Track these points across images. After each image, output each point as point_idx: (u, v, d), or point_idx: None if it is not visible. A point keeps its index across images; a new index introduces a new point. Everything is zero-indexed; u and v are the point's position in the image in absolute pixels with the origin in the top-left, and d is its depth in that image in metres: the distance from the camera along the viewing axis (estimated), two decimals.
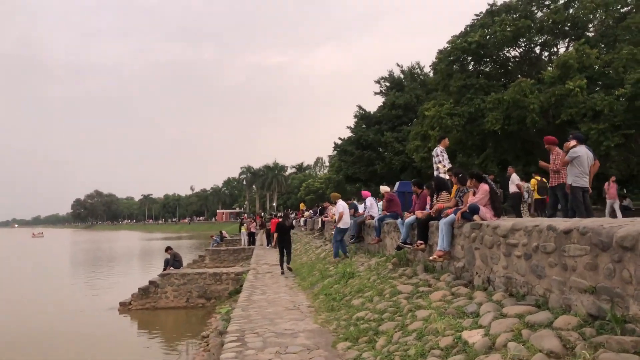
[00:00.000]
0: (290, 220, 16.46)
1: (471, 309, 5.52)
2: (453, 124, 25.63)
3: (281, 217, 19.63)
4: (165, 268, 18.69)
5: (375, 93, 45.84)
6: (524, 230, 5.32)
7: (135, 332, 15.27)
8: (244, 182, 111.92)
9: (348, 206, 16.71)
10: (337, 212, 13.81)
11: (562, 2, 26.01)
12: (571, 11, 25.53)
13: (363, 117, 44.28)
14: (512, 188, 15.10)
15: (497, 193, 7.55)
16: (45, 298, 21.20)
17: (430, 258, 7.67)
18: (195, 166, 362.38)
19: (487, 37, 26.27)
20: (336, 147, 46.40)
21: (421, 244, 8.43)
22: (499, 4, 27.33)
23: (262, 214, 58.37)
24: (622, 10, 24.44)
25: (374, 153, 41.41)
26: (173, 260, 18.70)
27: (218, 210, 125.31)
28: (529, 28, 25.45)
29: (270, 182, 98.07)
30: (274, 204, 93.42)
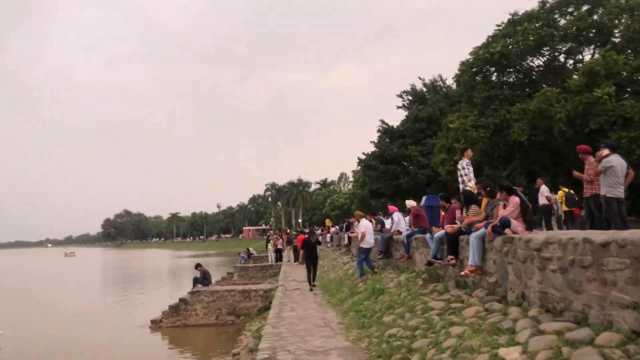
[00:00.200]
0: (315, 236, 16.41)
1: (507, 325, 5.41)
2: (478, 136, 25.38)
3: (307, 234, 19.65)
4: (195, 285, 18.85)
5: (398, 107, 45.67)
6: (558, 244, 5.21)
7: (166, 349, 15.40)
8: (269, 199, 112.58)
9: (375, 221, 16.67)
10: (359, 232, 13.72)
11: (585, 8, 25.62)
12: (595, 17, 25.12)
13: (386, 132, 44.15)
14: (542, 200, 14.82)
15: (528, 205, 7.42)
16: (79, 317, 21.56)
17: (462, 273, 7.57)
18: (221, 184, 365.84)
19: (510, 47, 26.02)
20: (360, 162, 46.30)
21: (452, 259, 8.32)
22: (520, 14, 27.06)
23: (288, 230, 58.45)
24: None
25: (398, 167, 41.17)
26: (202, 278, 18.85)
27: (244, 228, 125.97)
28: (552, 36, 25.15)
29: (295, 198, 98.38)
30: (300, 220, 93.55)
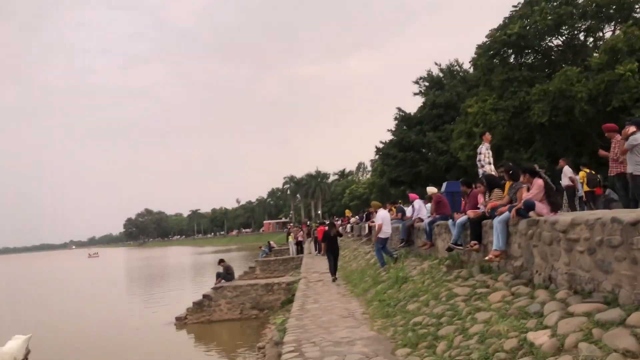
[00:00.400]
0: (336, 228, 16.08)
1: (534, 308, 5.32)
2: (498, 119, 25.05)
3: (327, 225, 19.58)
4: (218, 280, 19.00)
5: (415, 94, 45.23)
6: (585, 224, 5.09)
7: (192, 346, 15.56)
8: (288, 192, 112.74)
9: (395, 210, 16.59)
10: (376, 222, 13.74)
11: None
12: None
13: (403, 119, 43.81)
14: (565, 181, 14.52)
15: (552, 187, 7.27)
16: (105, 317, 21.92)
17: (486, 258, 7.46)
18: (240, 179, 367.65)
19: (527, 28, 25.53)
20: (378, 150, 46.03)
21: (475, 244, 8.21)
22: None
23: (308, 222, 58.58)
24: None
25: (417, 154, 40.87)
26: (225, 273, 18.98)
27: (264, 221, 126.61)
28: (571, 14, 24.60)
29: (313, 190, 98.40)
30: (319, 212, 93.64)
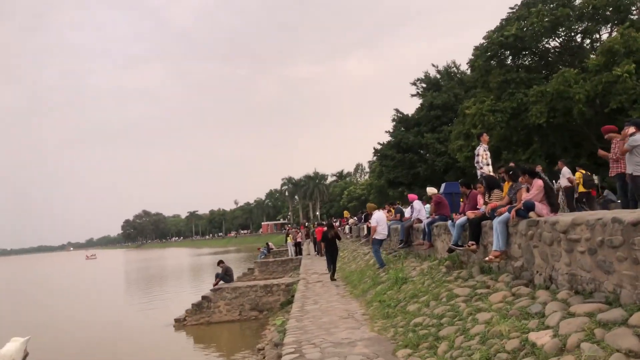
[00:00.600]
0: (334, 230, 15.80)
1: (535, 309, 5.32)
2: (496, 121, 25.14)
3: (325, 226, 19.52)
4: (216, 281, 18.96)
5: (412, 95, 45.42)
6: (586, 225, 5.10)
7: (192, 347, 15.52)
8: (286, 193, 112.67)
9: (394, 211, 16.60)
10: (371, 224, 13.87)
11: None
12: None
13: (401, 120, 43.93)
14: (564, 182, 14.58)
15: (552, 188, 7.30)
16: (104, 319, 21.84)
17: (486, 259, 7.47)
18: (238, 180, 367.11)
19: (524, 30, 25.64)
20: (376, 152, 46.13)
21: (472, 245, 8.23)
22: None
23: (307, 223, 58.55)
24: None
25: (415, 156, 40.98)
26: (224, 275, 18.94)
27: (263, 223, 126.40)
28: (568, 16, 24.73)
29: (311, 191, 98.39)
30: (317, 213, 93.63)
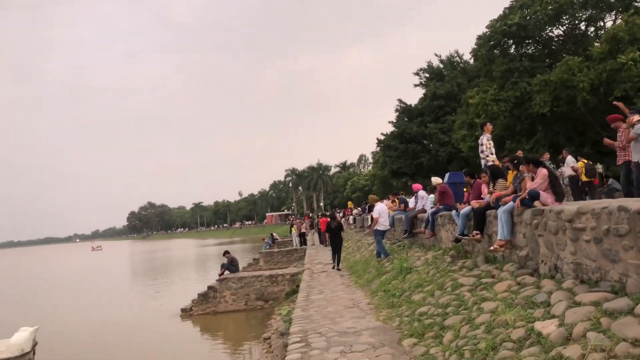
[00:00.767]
0: (336, 221, 15.96)
1: (541, 298, 5.34)
2: (499, 110, 24.99)
3: (328, 217, 19.61)
4: (222, 271, 19.07)
5: (415, 85, 45.13)
6: (592, 213, 5.10)
7: (198, 337, 15.65)
8: (290, 184, 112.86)
9: (398, 201, 16.63)
10: (373, 216, 13.99)
11: None
12: None
13: (404, 111, 43.74)
14: (568, 171, 14.55)
15: (556, 177, 7.30)
16: (110, 309, 22.00)
17: (491, 248, 7.49)
18: (242, 172, 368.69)
19: (528, 18, 25.39)
20: (379, 142, 45.96)
21: (477, 234, 8.25)
22: None
23: (310, 214, 58.64)
24: None
25: (418, 146, 40.86)
26: (229, 265, 19.04)
27: (267, 214, 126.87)
28: (572, 4, 24.45)
29: (315, 182, 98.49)
30: (321, 204, 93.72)
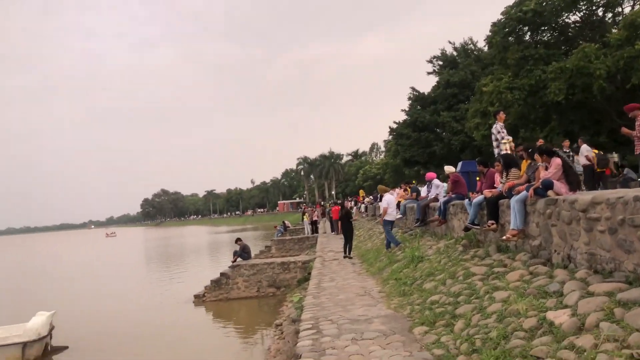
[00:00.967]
0: (345, 209, 16.59)
1: (553, 288, 5.32)
2: (513, 98, 24.76)
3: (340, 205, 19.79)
4: (234, 258, 19.24)
5: (428, 73, 44.78)
6: (606, 203, 5.05)
7: (211, 323, 15.83)
8: (302, 173, 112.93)
9: (410, 190, 16.59)
10: (382, 206, 13.99)
11: None
12: None
13: (417, 99, 43.46)
14: (583, 160, 14.36)
15: (570, 166, 7.22)
16: (125, 295, 22.28)
17: (504, 238, 7.46)
18: (254, 160, 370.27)
19: (544, 4, 25.03)
20: (392, 131, 45.81)
21: (492, 224, 8.20)
22: None
23: (322, 202, 58.74)
24: None
25: (431, 134, 40.63)
26: (242, 252, 19.19)
27: (279, 202, 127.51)
28: None
29: (327, 171, 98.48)
30: (333, 192, 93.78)
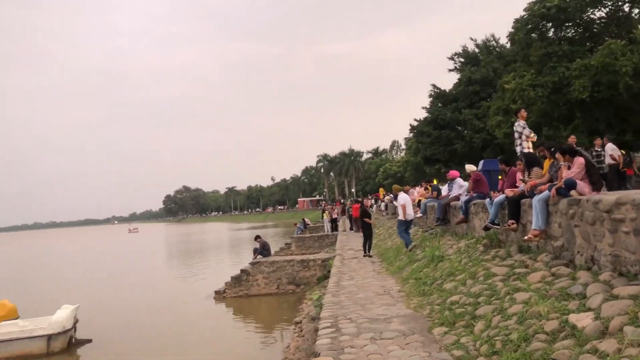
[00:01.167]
0: (362, 208, 16.88)
1: (576, 290, 5.24)
2: (536, 96, 24.41)
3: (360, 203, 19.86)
4: (255, 255, 19.40)
5: (450, 70, 44.34)
6: (632, 204, 4.95)
7: (231, 319, 15.99)
8: (322, 170, 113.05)
9: (431, 188, 16.50)
10: (398, 205, 13.90)
11: None
12: None
13: (438, 96, 43.10)
14: (608, 159, 14.09)
15: (594, 166, 7.11)
16: (147, 290, 22.65)
17: (525, 238, 7.37)
18: (274, 157, 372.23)
19: (568, 0, 24.61)
20: (412, 128, 45.48)
21: (513, 224, 8.10)
22: None
23: (342, 200, 58.72)
24: None
25: (452, 132, 40.25)
26: (262, 249, 19.33)
27: (299, 199, 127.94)
28: None
29: (347, 168, 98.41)
30: (353, 190, 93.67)
